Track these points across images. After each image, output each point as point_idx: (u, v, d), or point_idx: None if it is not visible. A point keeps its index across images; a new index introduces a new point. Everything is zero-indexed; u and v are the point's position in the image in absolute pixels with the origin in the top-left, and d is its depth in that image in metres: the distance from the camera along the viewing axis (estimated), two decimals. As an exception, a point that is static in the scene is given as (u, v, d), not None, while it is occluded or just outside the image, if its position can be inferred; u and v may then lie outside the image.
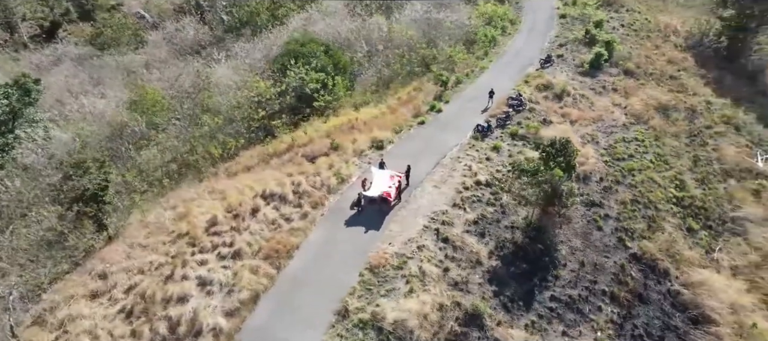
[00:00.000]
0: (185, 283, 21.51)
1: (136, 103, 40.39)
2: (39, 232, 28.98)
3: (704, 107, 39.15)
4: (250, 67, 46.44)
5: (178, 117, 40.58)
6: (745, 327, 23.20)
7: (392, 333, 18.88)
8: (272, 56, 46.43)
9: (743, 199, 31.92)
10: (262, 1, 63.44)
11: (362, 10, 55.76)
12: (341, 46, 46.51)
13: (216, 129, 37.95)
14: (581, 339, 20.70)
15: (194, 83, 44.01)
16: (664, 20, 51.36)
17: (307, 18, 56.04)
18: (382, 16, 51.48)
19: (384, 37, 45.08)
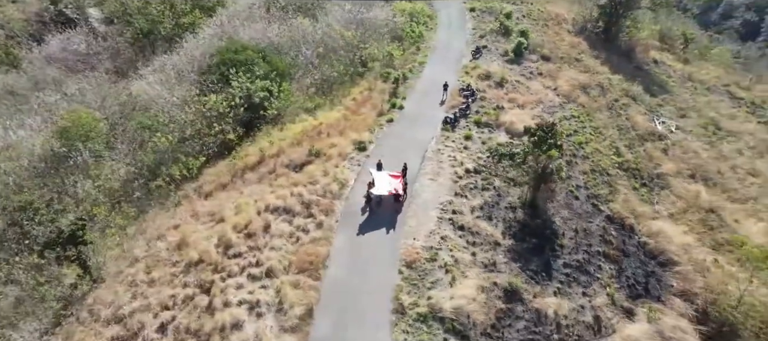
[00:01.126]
0: (231, 310, 20.65)
1: (68, 130, 36.36)
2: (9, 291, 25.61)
3: (608, 84, 44.45)
4: (178, 80, 43.89)
5: (121, 141, 37.42)
6: (698, 262, 27.55)
7: (454, 321, 19.90)
8: (201, 67, 44.31)
9: (659, 158, 37.21)
10: (163, 10, 59.68)
11: (279, 13, 54.71)
12: (273, 52, 45.57)
13: (170, 150, 35.65)
14: (597, 296, 23.33)
15: (124, 102, 40.57)
16: (554, 10, 56.73)
17: (223, 24, 53.80)
18: (305, 18, 51.01)
19: (318, 39, 44.83)
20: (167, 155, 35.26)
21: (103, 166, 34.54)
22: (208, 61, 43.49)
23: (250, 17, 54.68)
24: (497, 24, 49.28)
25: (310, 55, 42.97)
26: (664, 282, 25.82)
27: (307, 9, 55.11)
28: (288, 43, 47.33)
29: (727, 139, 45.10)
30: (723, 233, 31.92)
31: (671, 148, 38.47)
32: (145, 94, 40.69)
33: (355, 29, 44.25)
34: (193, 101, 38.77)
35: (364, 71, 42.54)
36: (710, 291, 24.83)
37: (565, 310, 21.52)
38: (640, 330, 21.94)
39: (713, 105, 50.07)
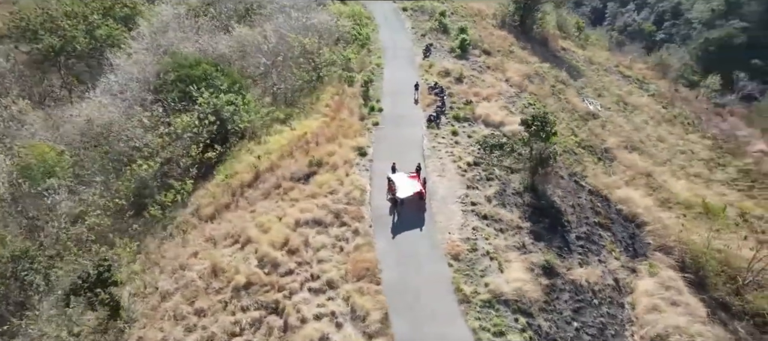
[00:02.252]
0: (312, 324, 20.66)
1: (30, 167, 32.54)
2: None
3: (542, 72, 48.62)
4: (131, 102, 40.73)
5: (91, 172, 34.26)
6: (662, 219, 31.85)
7: (517, 301, 21.63)
8: (151, 85, 41.62)
9: (602, 134, 41.82)
10: (75, 24, 54.76)
11: (210, 23, 52.34)
12: (225, 64, 43.93)
13: (152, 176, 33.45)
14: (609, 261, 26.34)
15: (84, 131, 36.96)
16: (475, 6, 60.35)
17: (152, 36, 50.58)
18: (245, 27, 49.47)
19: (273, 48, 43.91)
20: (151, 182, 33.04)
21: (83, 202, 31.46)
22: (161, 79, 40.89)
23: (181, 28, 51.81)
24: (435, 22, 51.45)
25: (270, 65, 41.99)
26: (643, 241, 29.62)
27: (242, 16, 53.37)
28: (236, 53, 45.83)
29: (634, 112, 51.54)
30: (662, 193, 36.97)
31: (605, 125, 43.31)
32: (103, 119, 37.26)
33: (310, 35, 43.82)
34: (160, 122, 36.50)
35: (324, 77, 42.49)
36: (682, 243, 29.00)
37: (594, 277, 24.16)
38: (650, 284, 25.23)
39: (616, 84, 56.70)
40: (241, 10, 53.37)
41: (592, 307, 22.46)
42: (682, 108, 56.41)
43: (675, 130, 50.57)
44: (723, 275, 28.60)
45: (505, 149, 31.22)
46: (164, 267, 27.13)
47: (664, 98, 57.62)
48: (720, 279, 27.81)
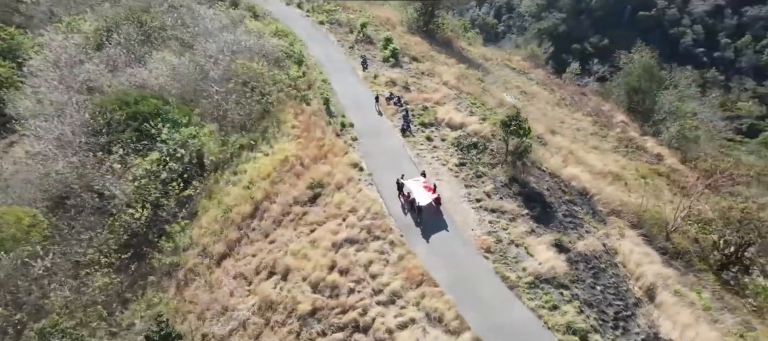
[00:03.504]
0: (400, 333, 22.21)
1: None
2: None
3: (462, 71, 53.20)
4: (59, 146, 36.82)
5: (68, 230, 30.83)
6: (602, 188, 37.87)
7: (554, 278, 25.09)
8: (87, 128, 38.01)
9: (531, 122, 47.47)
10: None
11: (122, 51, 48.36)
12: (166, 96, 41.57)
13: (144, 223, 31.33)
14: (592, 232, 31.04)
15: (46, 188, 32.73)
16: (383, 15, 63.31)
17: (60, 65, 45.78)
18: (170, 54, 46.80)
19: (219, 76, 42.45)
20: (141, 229, 30.86)
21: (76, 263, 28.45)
22: (107, 119, 37.52)
23: (88, 58, 47.34)
24: (360, 34, 53.36)
25: (224, 92, 40.68)
26: (597, 209, 35.23)
27: (158, 44, 50.00)
28: (174, 84, 43.31)
29: (534, 101, 58.75)
30: (587, 166, 43.52)
31: (528, 114, 49.16)
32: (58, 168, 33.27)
33: (257, 59, 43.14)
34: (129, 167, 33.98)
35: (275, 99, 42.19)
36: (626, 206, 35.13)
37: (593, 247, 28.60)
38: (626, 243, 30.41)
39: (511, 77, 63.76)
40: (142, 35, 49.58)
41: (602, 271, 26.85)
42: (560, 92, 65.38)
43: (564, 111, 58.72)
44: (656, 226, 35.25)
45: (479, 147, 34.83)
46: (202, 314, 26.15)
47: (544, 84, 66.18)
48: (656, 229, 34.32)
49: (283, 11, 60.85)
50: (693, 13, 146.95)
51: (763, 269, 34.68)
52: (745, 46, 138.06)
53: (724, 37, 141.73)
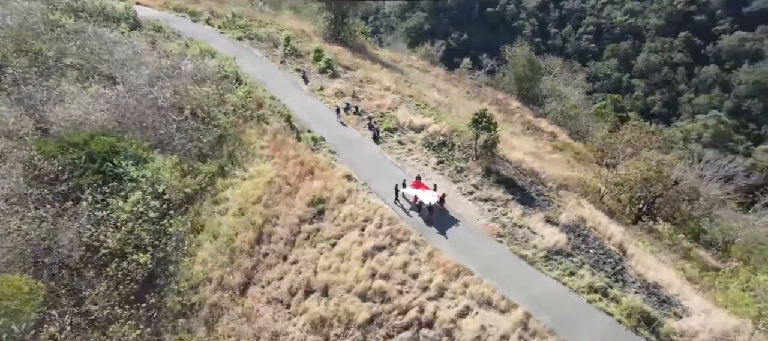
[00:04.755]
0: (464, 321, 24.20)
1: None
2: None
3: (396, 75, 55.57)
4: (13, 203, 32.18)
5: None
6: (545, 167, 43.18)
7: (561, 250, 28.84)
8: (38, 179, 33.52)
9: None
10: None
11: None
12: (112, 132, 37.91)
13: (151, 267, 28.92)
14: (560, 205, 35.57)
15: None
16: (297, 26, 63.09)
17: None
18: (95, 86, 42.32)
19: (168, 104, 39.65)
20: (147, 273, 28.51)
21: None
22: (57, 166, 33.19)
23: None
24: (288, 48, 52.99)
25: (179, 121, 38.24)
26: (549, 184, 40.33)
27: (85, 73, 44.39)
28: (109, 118, 39.31)
29: (449, 96, 63.44)
30: (522, 149, 48.92)
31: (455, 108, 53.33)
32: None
33: (208, 83, 41.09)
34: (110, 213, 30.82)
35: (231, 122, 40.76)
36: (569, 180, 40.74)
37: (572, 218, 32.88)
38: (587, 210, 35.46)
39: (421, 77, 67.85)
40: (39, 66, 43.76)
41: (585, 237, 31.31)
42: (461, 86, 71.30)
43: (473, 103, 64.34)
44: (593, 193, 41.48)
45: (448, 145, 37.83)
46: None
47: (447, 80, 71.62)
48: (594, 196, 40.51)
49: (192, 30, 57.52)
50: (527, 7, 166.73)
51: (666, 216, 42.79)
52: (569, 34, 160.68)
53: (552, 27, 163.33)
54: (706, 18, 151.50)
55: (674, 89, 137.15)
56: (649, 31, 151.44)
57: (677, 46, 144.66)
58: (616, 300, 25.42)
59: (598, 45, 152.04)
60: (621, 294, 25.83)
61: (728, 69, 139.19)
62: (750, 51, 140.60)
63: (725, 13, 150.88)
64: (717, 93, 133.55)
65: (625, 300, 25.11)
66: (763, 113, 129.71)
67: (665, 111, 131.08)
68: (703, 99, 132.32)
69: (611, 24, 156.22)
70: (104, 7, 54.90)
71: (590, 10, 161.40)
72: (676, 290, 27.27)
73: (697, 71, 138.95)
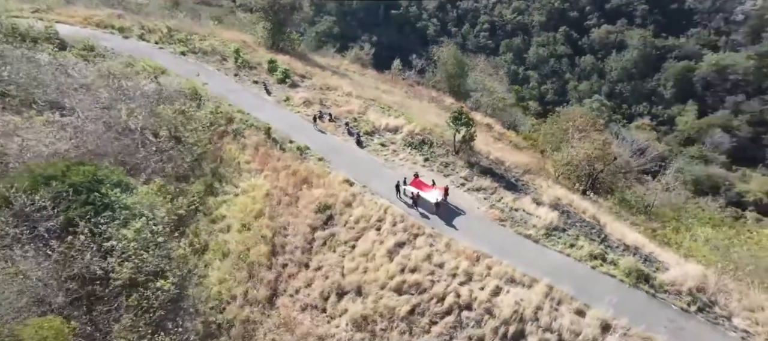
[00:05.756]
0: (498, 299, 26.32)
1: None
2: None
3: (348, 81, 56.16)
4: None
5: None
6: (504, 154, 46.76)
7: (557, 226, 31.97)
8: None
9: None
10: None
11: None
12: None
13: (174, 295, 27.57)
14: (541, 187, 38.78)
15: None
16: (235, 37, 61.33)
17: None
18: (45, 114, 38.69)
19: (140, 126, 37.35)
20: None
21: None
22: (32, 201, 30.23)
23: None
24: (239, 61, 51.69)
25: (158, 143, 36.28)
26: (515, 170, 43.84)
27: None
28: (69, 146, 36.23)
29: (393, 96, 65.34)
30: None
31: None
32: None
33: (178, 102, 39.17)
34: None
35: (207, 138, 39.36)
36: (529, 165, 44.61)
37: (552, 198, 36.12)
38: (557, 190, 39.16)
39: (360, 80, 69.16)
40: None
41: (568, 213, 34.70)
42: (398, 87, 73.75)
43: (414, 101, 67.02)
44: (547, 174, 45.85)
45: (427, 143, 39.91)
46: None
47: (383, 82, 73.67)
48: (549, 176, 44.88)
49: (128, 47, 53.77)
50: (427, 9, 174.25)
51: (606, 189, 48.51)
52: (467, 32, 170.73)
53: (452, 26, 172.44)
54: (578, 14, 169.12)
55: (562, 78, 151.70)
56: (534, 27, 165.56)
57: (559, 39, 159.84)
58: (614, 263, 29.02)
59: (494, 41, 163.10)
60: (616, 258, 29.52)
61: (601, 58, 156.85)
62: (615, 42, 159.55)
63: (592, 9, 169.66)
64: (595, 80, 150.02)
65: (622, 262, 28.78)
66: (631, 95, 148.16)
67: (557, 98, 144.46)
68: (585, 86, 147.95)
69: (503, 21, 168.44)
70: (16, 27, 49.32)
71: (483, 10, 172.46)
72: (649, 249, 31.68)
73: (578, 61, 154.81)
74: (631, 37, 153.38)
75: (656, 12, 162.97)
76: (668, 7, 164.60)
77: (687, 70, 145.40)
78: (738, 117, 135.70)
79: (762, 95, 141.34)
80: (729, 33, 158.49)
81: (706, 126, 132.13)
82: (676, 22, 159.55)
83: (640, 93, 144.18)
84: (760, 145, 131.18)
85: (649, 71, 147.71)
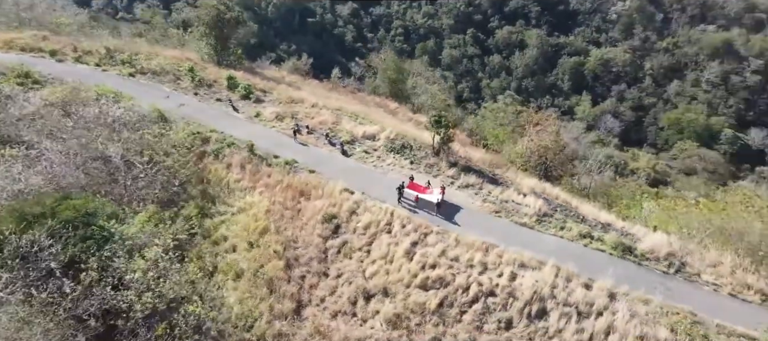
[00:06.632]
0: (517, 283, 28.72)
1: None
2: None
3: (306, 92, 55.96)
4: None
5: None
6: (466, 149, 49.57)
7: (546, 213, 35.12)
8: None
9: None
10: None
11: None
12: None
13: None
14: (515, 178, 41.70)
15: None
16: (180, 55, 58.58)
17: None
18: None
19: (121, 154, 35.15)
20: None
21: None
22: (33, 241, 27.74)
23: None
24: (196, 80, 49.83)
25: (143, 170, 34.43)
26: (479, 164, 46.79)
27: None
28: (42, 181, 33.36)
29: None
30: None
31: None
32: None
33: (145, 127, 37.24)
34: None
35: (189, 161, 37.87)
36: (495, 159, 47.83)
37: (530, 186, 39.12)
38: (531, 181, 42.34)
39: (310, 88, 69.05)
40: None
41: (547, 198, 37.94)
42: (342, 94, 74.55)
43: (363, 107, 68.32)
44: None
45: (407, 147, 41.66)
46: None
47: (330, 90, 74.10)
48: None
49: (67, 71, 49.58)
50: (342, 15, 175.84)
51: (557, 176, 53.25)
52: (383, 37, 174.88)
53: (368, 32, 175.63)
54: (482, 17, 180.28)
55: (475, 76, 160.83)
56: (445, 30, 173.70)
57: (468, 41, 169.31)
58: (601, 239, 32.61)
59: (410, 44, 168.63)
60: (601, 235, 33.21)
61: (506, 57, 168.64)
62: (516, 41, 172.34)
63: (493, 11, 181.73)
64: (504, 77, 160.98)
65: (607, 238, 32.46)
66: (536, 89, 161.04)
67: (473, 96, 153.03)
68: (496, 83, 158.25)
69: (415, 25, 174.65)
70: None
71: (396, 15, 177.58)
72: (620, 224, 35.89)
73: (487, 61, 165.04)
74: (530, 37, 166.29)
75: (547, 13, 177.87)
76: (557, 9, 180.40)
77: (578, 65, 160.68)
78: (622, 104, 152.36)
79: (639, 84, 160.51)
80: (607, 31, 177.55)
81: (599, 113, 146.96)
82: (564, 22, 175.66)
83: (543, 87, 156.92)
84: (642, 127, 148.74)
85: (548, 67, 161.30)
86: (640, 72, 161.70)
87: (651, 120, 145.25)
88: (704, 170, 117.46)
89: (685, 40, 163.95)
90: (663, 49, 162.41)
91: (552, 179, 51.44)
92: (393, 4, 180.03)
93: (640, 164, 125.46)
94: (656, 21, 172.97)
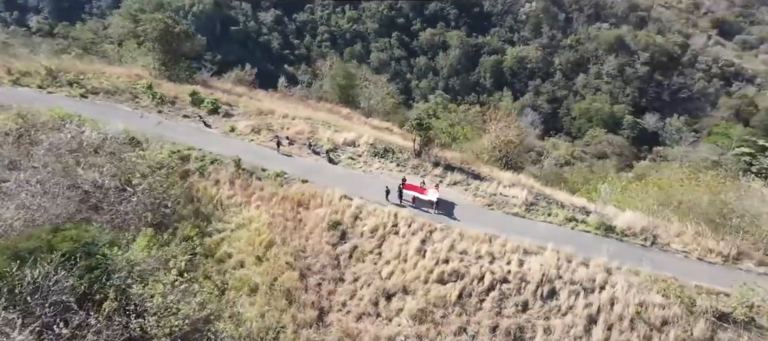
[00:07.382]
0: (525, 268, 30.75)
1: None
2: None
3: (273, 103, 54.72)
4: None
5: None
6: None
7: (532, 203, 37.63)
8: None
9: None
10: None
11: None
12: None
13: None
14: (492, 172, 43.92)
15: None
16: (125, 72, 55.00)
17: None
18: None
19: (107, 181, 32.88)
20: None
21: None
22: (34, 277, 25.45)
23: None
24: (156, 97, 47.36)
25: (132, 194, 32.52)
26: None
27: None
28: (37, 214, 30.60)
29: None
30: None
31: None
32: None
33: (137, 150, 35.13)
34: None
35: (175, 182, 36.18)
36: (465, 156, 49.97)
37: (509, 180, 41.53)
38: (508, 174, 44.72)
39: (258, 97, 67.68)
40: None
41: (531, 190, 40.61)
42: (293, 102, 73.73)
43: (328, 114, 68.09)
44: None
45: (389, 150, 42.71)
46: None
47: (281, 98, 73.03)
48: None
49: (9, 95, 44.76)
50: (266, 23, 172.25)
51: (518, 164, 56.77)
52: (309, 44, 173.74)
53: (294, 38, 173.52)
54: (405, 20, 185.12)
55: (404, 78, 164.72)
56: (370, 34, 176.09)
57: (394, 44, 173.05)
58: (585, 222, 35.69)
59: (337, 49, 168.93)
60: (583, 218, 36.35)
61: (431, 58, 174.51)
62: (439, 42, 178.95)
63: (415, 15, 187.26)
64: (431, 77, 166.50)
65: (590, 220, 35.57)
66: (462, 87, 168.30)
67: (405, 97, 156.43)
68: (424, 83, 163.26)
69: (341, 30, 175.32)
70: None
71: (320, 21, 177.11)
72: (592, 206, 39.43)
73: (414, 62, 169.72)
74: (451, 38, 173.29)
75: (464, 15, 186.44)
76: (472, 11, 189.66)
77: (497, 63, 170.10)
78: (539, 98, 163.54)
79: (551, 78, 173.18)
80: (519, 30, 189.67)
81: (520, 107, 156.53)
82: (480, 23, 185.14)
83: (467, 85, 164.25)
84: (557, 118, 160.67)
85: (471, 66, 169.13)
86: (550, 68, 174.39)
87: (565, 111, 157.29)
88: (613, 154, 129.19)
89: (586, 37, 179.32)
90: (568, 46, 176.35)
91: (514, 170, 54.92)
92: (316, 9, 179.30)
93: (561, 151, 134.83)
94: (560, 20, 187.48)
